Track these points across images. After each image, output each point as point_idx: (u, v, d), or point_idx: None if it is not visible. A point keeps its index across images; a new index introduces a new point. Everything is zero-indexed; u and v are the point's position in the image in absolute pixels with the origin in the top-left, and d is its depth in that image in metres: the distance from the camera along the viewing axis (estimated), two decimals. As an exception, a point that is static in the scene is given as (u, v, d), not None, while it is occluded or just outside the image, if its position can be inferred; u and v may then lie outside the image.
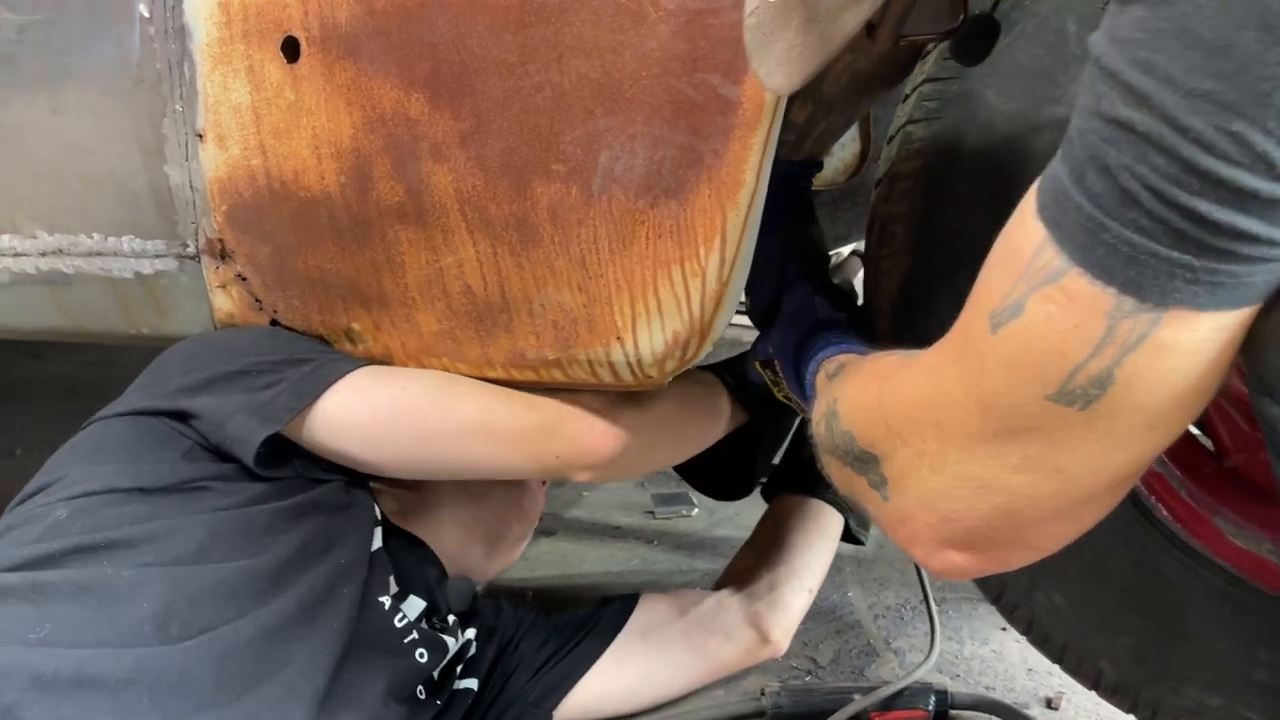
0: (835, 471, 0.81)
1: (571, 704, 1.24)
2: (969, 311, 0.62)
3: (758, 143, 0.88)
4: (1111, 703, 1.10)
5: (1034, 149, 0.95)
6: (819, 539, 1.41)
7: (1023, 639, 1.52)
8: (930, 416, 0.65)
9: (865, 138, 1.49)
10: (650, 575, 1.74)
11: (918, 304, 1.04)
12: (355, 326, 1.11)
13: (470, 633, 1.17)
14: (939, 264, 1.02)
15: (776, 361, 1.07)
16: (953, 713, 1.32)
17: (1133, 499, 1.02)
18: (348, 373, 1.00)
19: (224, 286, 1.14)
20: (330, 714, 0.88)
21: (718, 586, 1.39)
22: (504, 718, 1.20)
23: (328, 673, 0.89)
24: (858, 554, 1.81)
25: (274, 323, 1.14)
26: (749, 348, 1.26)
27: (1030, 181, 0.96)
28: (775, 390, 1.11)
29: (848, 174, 1.50)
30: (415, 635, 1.03)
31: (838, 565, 1.70)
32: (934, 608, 1.42)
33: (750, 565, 1.40)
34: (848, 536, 1.46)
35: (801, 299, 1.06)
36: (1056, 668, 1.45)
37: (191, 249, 1.13)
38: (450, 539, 1.23)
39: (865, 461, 0.73)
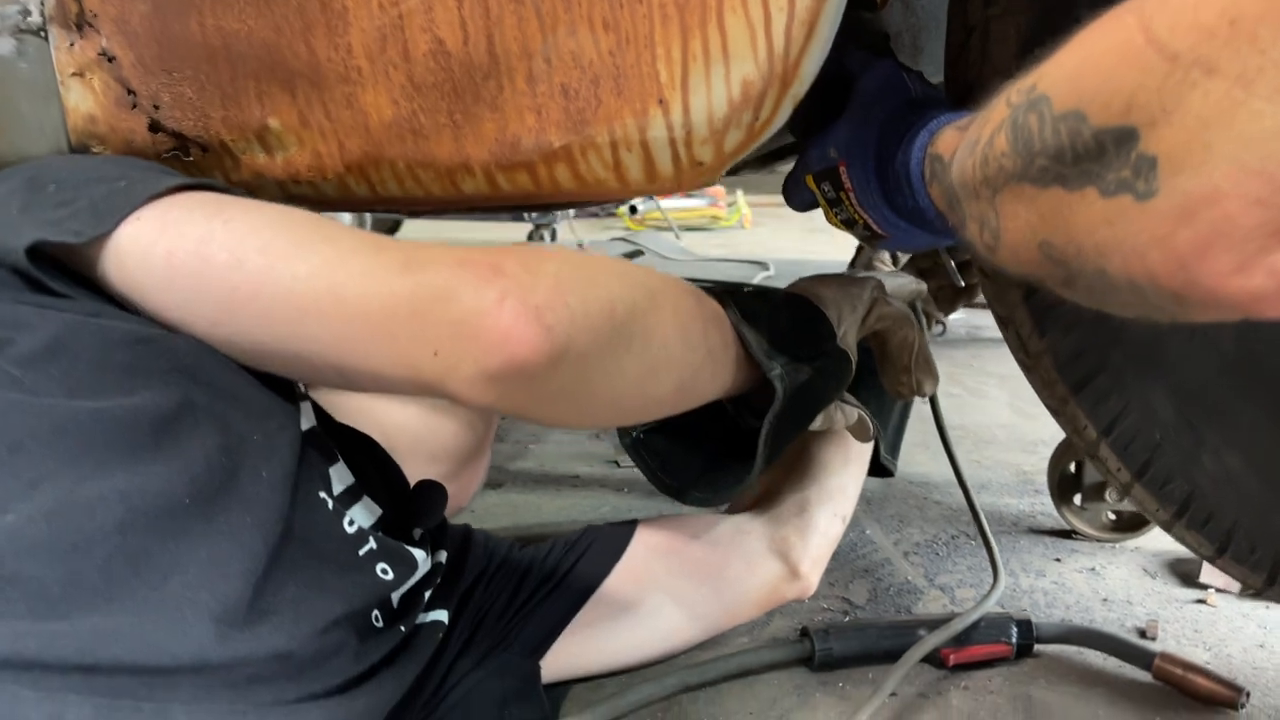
0: (1024, 207, 0.54)
1: (563, 653, 0.95)
2: None
3: None
4: (1284, 603, 0.85)
5: None
6: (852, 461, 1.14)
7: (1088, 570, 1.29)
8: None
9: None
10: (627, 522, 1.44)
11: (1046, 71, 0.78)
12: (273, 123, 0.80)
13: (442, 555, 0.86)
14: (1075, 14, 0.77)
15: (842, 167, 0.79)
16: (1038, 648, 1.06)
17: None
18: (162, 193, 0.64)
19: (81, 74, 0.81)
20: (249, 632, 0.57)
21: (732, 511, 1.11)
22: (480, 668, 0.90)
23: (243, 585, 0.57)
24: (864, 492, 1.55)
25: (154, 126, 0.82)
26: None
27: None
28: (831, 212, 0.83)
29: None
30: (373, 544, 0.72)
31: (846, 504, 1.44)
32: (988, 529, 1.16)
33: (773, 486, 1.12)
34: (875, 470, 1.20)
35: (887, 74, 0.79)
36: (1137, 596, 1.21)
37: (35, 17, 0.80)
38: (389, 437, 0.92)
39: (1104, 151, 0.47)
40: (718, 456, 0.89)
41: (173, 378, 0.61)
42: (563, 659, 0.95)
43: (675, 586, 1.00)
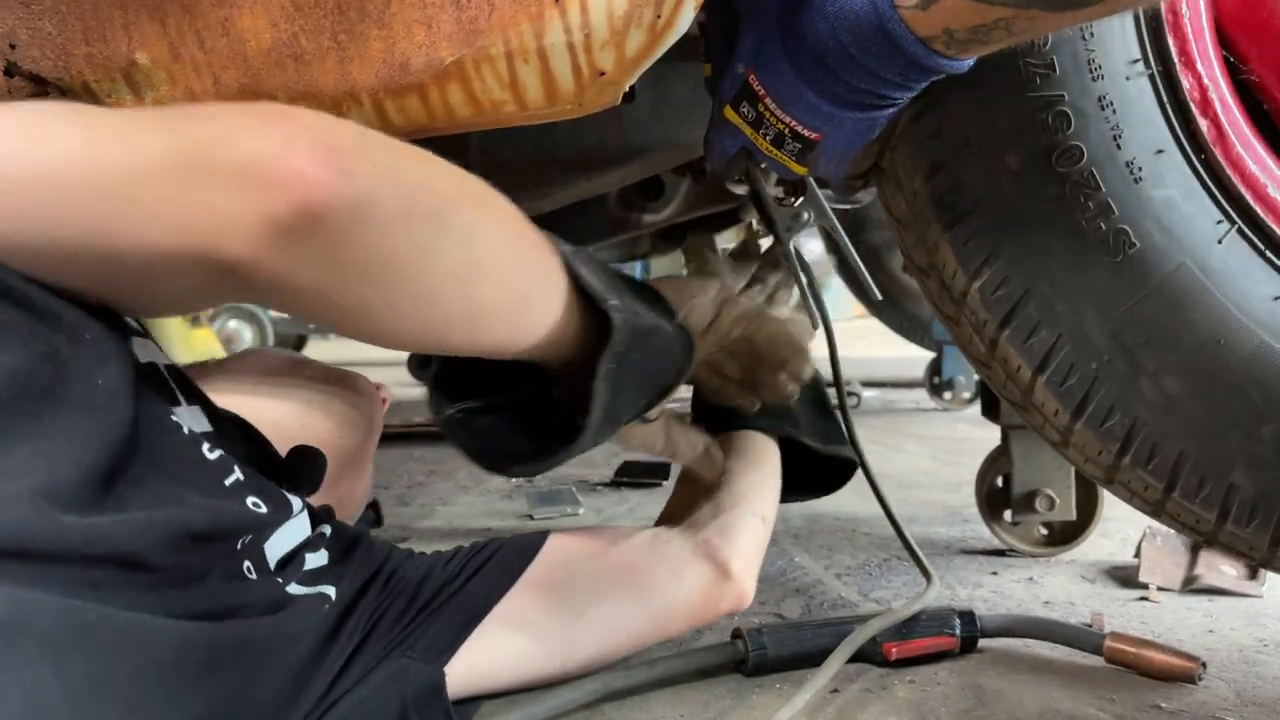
0: None
1: (470, 663, 0.84)
2: None
3: None
4: (1238, 547, 0.80)
5: None
6: (757, 465, 1.07)
7: (1025, 580, 1.24)
8: None
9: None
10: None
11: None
12: (141, 59, 0.74)
13: (325, 528, 0.77)
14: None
15: (751, 75, 0.75)
16: (983, 642, 0.99)
17: (1262, 233, 0.76)
18: None
19: (-72, 12, 0.75)
20: (84, 520, 0.48)
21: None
22: (376, 672, 0.79)
23: (75, 473, 0.49)
24: (789, 528, 1.49)
25: (9, 70, 0.76)
26: None
27: None
28: (759, 136, 0.78)
29: None
30: (240, 475, 0.63)
31: (774, 538, 1.37)
32: (917, 547, 1.09)
33: (685, 497, 1.05)
34: (837, 473, 1.13)
35: None
36: (1079, 598, 1.16)
37: (-125, -52, 0.74)
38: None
39: None
40: (545, 441, 0.80)
41: None
42: (470, 670, 0.85)
43: (594, 592, 0.91)
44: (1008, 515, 1.33)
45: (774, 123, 0.76)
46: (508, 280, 0.62)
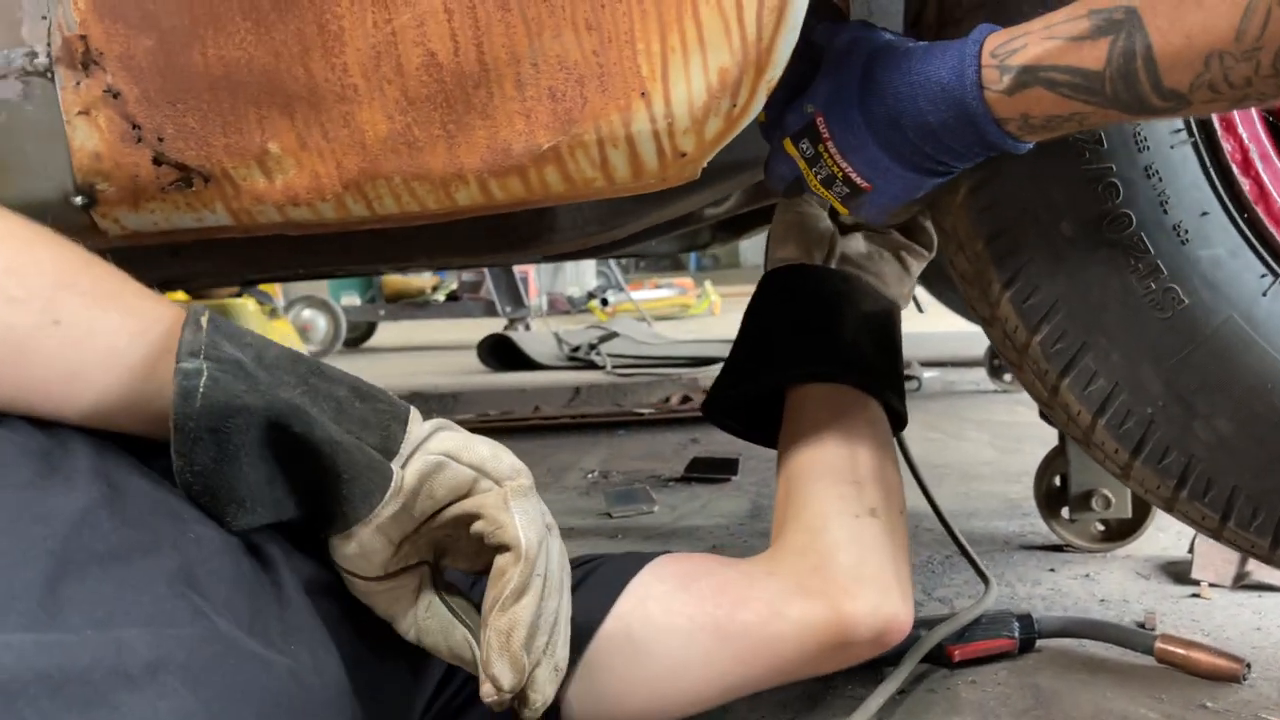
0: None
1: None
2: None
3: None
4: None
5: None
6: (842, 436, 0.92)
7: (1082, 576, 1.31)
8: None
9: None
10: (623, 564, 1.44)
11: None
12: (272, 148, 0.84)
13: None
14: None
15: (819, 118, 0.81)
16: (1040, 643, 1.07)
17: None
18: None
19: (87, 112, 0.85)
20: None
21: None
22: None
23: None
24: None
25: (158, 159, 0.85)
26: None
27: None
28: (811, 172, 0.83)
29: None
30: None
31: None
32: (970, 548, 1.16)
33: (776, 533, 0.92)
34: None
35: (856, 29, 0.82)
36: (1133, 595, 1.23)
37: (42, 59, 0.84)
38: None
39: None
40: None
41: None
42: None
43: (667, 641, 0.80)
44: (1065, 513, 1.39)
45: (829, 164, 0.81)
46: None
